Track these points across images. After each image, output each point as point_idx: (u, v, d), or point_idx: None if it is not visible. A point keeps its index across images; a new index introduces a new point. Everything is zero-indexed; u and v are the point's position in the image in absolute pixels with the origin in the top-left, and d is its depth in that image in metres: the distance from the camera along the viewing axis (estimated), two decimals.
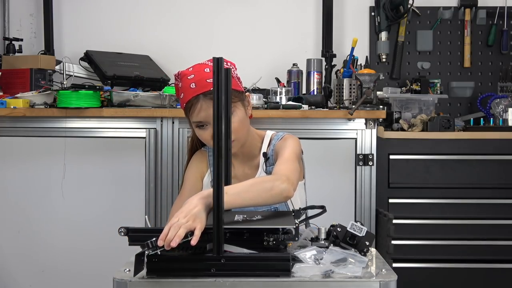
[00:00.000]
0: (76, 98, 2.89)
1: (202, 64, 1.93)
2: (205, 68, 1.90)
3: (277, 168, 1.85)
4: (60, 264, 3.06)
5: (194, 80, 1.88)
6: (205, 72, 1.89)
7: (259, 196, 1.68)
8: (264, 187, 1.71)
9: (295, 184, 1.80)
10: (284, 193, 1.72)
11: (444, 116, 3.19)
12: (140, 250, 1.44)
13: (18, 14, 3.67)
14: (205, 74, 1.88)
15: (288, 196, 1.73)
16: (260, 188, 1.70)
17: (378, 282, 1.44)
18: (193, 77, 1.89)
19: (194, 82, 1.88)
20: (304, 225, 1.78)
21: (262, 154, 2.01)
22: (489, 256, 3.09)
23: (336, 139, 3.02)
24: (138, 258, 1.43)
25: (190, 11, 3.67)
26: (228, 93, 1.63)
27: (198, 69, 1.91)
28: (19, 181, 3.05)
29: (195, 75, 1.89)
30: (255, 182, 1.76)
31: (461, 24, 3.62)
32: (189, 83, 1.89)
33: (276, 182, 1.73)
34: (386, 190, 3.06)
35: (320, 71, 3.37)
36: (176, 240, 1.42)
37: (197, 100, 1.87)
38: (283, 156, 1.91)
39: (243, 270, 1.45)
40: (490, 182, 3.08)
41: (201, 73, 1.89)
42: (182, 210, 1.51)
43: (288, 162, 1.88)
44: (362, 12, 3.66)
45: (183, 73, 1.93)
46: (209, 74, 1.86)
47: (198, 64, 1.94)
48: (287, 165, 1.86)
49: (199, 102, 1.87)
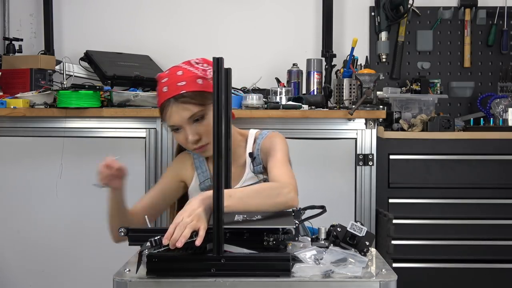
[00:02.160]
0: (76, 98, 2.89)
1: (177, 67, 1.91)
2: (178, 71, 1.88)
3: (276, 173, 1.83)
4: (60, 264, 3.06)
5: (166, 83, 1.87)
6: (177, 75, 1.87)
7: (264, 203, 1.67)
8: (269, 194, 1.70)
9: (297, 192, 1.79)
10: (289, 202, 1.71)
11: (444, 116, 3.19)
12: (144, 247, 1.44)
13: (18, 14, 3.67)
14: (177, 78, 1.86)
15: (293, 206, 1.71)
16: (266, 194, 1.69)
17: (378, 282, 1.44)
18: (166, 81, 1.87)
19: (167, 85, 1.86)
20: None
21: (248, 154, 1.98)
22: (489, 256, 3.09)
23: (336, 139, 3.02)
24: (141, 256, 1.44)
25: (190, 11, 3.67)
26: (228, 93, 1.63)
27: (173, 72, 1.89)
28: (19, 181, 3.05)
29: (168, 79, 1.88)
30: (260, 188, 1.75)
31: (461, 24, 3.62)
32: (162, 87, 1.87)
33: (283, 190, 1.72)
34: (386, 190, 3.06)
35: (320, 71, 3.37)
36: (182, 240, 1.43)
37: (168, 104, 1.85)
38: (277, 159, 1.88)
39: (243, 270, 1.45)
40: (490, 182, 3.08)
41: (174, 77, 1.87)
42: (186, 210, 1.51)
43: (285, 166, 1.86)
44: (362, 12, 3.67)
45: (159, 76, 1.92)
46: (181, 77, 1.85)
47: (174, 67, 1.92)
48: (285, 169, 1.85)
49: (170, 106, 1.85)
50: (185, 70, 1.88)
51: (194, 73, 1.87)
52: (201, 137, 1.87)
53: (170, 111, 1.85)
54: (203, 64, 1.90)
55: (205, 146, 1.88)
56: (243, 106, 2.99)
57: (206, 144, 1.88)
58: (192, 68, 1.89)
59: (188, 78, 1.86)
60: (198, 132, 1.86)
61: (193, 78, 1.86)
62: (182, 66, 1.90)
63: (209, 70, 1.89)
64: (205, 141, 1.88)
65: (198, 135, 1.86)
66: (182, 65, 1.91)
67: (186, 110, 1.84)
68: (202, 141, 1.88)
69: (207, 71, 1.89)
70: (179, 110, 1.84)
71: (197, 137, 1.86)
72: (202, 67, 1.90)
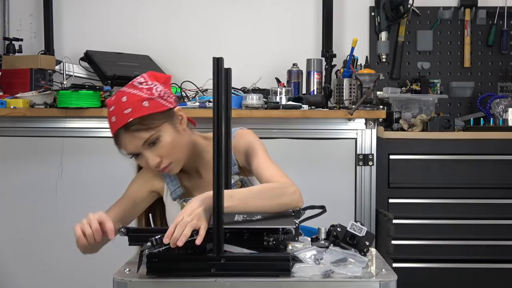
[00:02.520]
0: (76, 98, 2.89)
1: (122, 92, 1.81)
2: (123, 97, 1.78)
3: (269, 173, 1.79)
4: (60, 264, 3.06)
5: (114, 112, 1.78)
6: (122, 102, 1.77)
7: (266, 204, 1.65)
8: (272, 194, 1.68)
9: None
10: (294, 203, 1.69)
11: (444, 116, 3.18)
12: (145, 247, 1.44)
13: (18, 14, 3.67)
14: (123, 105, 1.76)
15: (297, 207, 1.69)
16: (268, 195, 1.68)
17: (378, 282, 1.44)
18: (113, 109, 1.78)
19: (114, 115, 1.77)
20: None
21: None
22: (489, 256, 3.09)
23: (336, 139, 3.02)
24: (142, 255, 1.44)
25: (191, 11, 3.67)
26: (228, 93, 1.62)
27: (118, 98, 1.79)
28: (19, 181, 3.05)
29: (114, 107, 1.78)
30: (262, 188, 1.73)
31: (461, 24, 3.62)
32: (111, 116, 1.78)
33: (288, 190, 1.70)
34: (386, 190, 3.06)
35: (320, 71, 3.37)
36: (182, 239, 1.43)
37: (119, 134, 1.77)
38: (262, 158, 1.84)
39: (243, 270, 1.45)
40: (490, 182, 3.08)
41: (120, 104, 1.77)
42: (186, 209, 1.51)
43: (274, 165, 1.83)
44: (362, 12, 3.66)
45: (107, 103, 1.82)
46: (126, 104, 1.76)
47: (119, 92, 1.82)
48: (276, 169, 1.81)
49: (121, 136, 1.77)
50: (129, 95, 1.77)
51: (138, 96, 1.77)
52: (162, 159, 1.80)
53: (124, 141, 1.78)
54: (148, 82, 1.80)
55: (168, 166, 1.82)
56: (243, 106, 2.98)
57: (169, 164, 1.82)
58: (136, 91, 1.78)
59: (133, 104, 1.76)
60: (157, 155, 1.79)
61: (138, 102, 1.76)
62: (126, 91, 1.79)
63: (155, 87, 1.80)
64: (167, 162, 1.81)
65: (158, 158, 1.79)
66: (126, 89, 1.80)
67: (137, 138, 1.76)
68: (163, 163, 1.81)
69: (152, 89, 1.79)
70: (131, 139, 1.76)
71: (158, 160, 1.79)
72: (146, 87, 1.80)
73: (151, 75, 1.85)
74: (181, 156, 1.84)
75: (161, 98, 1.79)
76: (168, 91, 1.84)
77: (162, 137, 1.78)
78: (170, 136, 1.79)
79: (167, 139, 1.78)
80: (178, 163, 1.84)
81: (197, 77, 3.31)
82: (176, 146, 1.81)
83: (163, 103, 1.80)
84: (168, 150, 1.78)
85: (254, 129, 2.07)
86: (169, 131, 1.80)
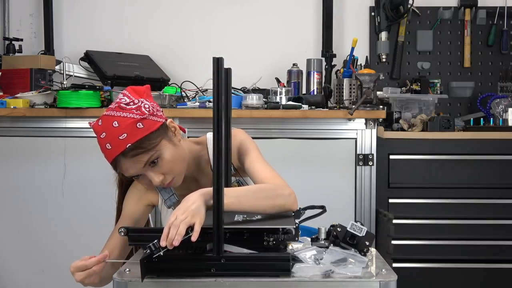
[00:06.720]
0: (76, 98, 2.89)
1: (110, 117, 1.74)
2: (113, 122, 1.72)
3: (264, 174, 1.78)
4: (60, 264, 3.05)
5: (107, 140, 1.72)
6: (114, 127, 1.72)
7: (261, 204, 1.64)
8: (267, 195, 1.67)
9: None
10: (288, 205, 1.68)
11: (444, 116, 3.19)
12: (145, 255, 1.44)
13: (18, 14, 3.68)
14: (116, 131, 1.71)
15: (291, 209, 1.68)
16: (263, 195, 1.66)
17: (378, 282, 1.44)
18: (105, 136, 1.73)
19: (108, 142, 1.72)
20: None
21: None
22: (489, 256, 3.09)
23: (336, 139, 3.03)
24: (143, 263, 1.43)
25: (191, 11, 3.67)
26: (228, 93, 1.62)
27: (108, 124, 1.73)
28: (19, 181, 3.05)
29: (106, 134, 1.72)
30: (258, 188, 1.72)
31: (461, 24, 3.62)
32: (104, 144, 1.73)
33: (283, 192, 1.69)
34: (386, 190, 3.06)
35: (320, 71, 3.37)
36: (178, 239, 1.42)
37: (118, 160, 1.73)
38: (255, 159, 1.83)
39: (243, 270, 1.44)
40: (490, 182, 3.08)
41: (112, 130, 1.72)
42: (180, 208, 1.50)
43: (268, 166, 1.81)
44: (362, 12, 3.66)
45: (95, 130, 1.76)
46: (120, 129, 1.71)
47: (106, 117, 1.75)
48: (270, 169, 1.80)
49: (121, 162, 1.73)
50: (120, 119, 1.72)
51: (130, 119, 1.72)
52: (165, 176, 1.78)
53: (124, 167, 1.74)
54: (134, 101, 1.76)
55: (171, 181, 1.80)
56: (243, 106, 2.99)
57: (172, 179, 1.80)
58: (126, 113, 1.73)
59: (127, 128, 1.71)
60: (160, 173, 1.77)
61: (132, 125, 1.71)
62: (115, 115, 1.73)
63: (143, 105, 1.76)
64: (170, 178, 1.79)
65: (161, 175, 1.77)
66: (114, 113, 1.74)
67: (138, 162, 1.73)
68: (167, 179, 1.79)
69: (141, 108, 1.75)
70: (132, 164, 1.73)
71: (161, 178, 1.77)
72: (134, 106, 1.75)
73: (131, 90, 1.82)
74: (182, 168, 1.83)
75: (152, 115, 1.76)
76: (154, 104, 1.81)
77: (162, 155, 1.76)
78: (169, 152, 1.77)
79: (167, 156, 1.76)
80: (180, 175, 1.83)
81: (197, 77, 3.32)
82: (176, 160, 1.79)
83: (155, 120, 1.76)
84: (169, 167, 1.77)
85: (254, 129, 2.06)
86: (167, 146, 1.77)
